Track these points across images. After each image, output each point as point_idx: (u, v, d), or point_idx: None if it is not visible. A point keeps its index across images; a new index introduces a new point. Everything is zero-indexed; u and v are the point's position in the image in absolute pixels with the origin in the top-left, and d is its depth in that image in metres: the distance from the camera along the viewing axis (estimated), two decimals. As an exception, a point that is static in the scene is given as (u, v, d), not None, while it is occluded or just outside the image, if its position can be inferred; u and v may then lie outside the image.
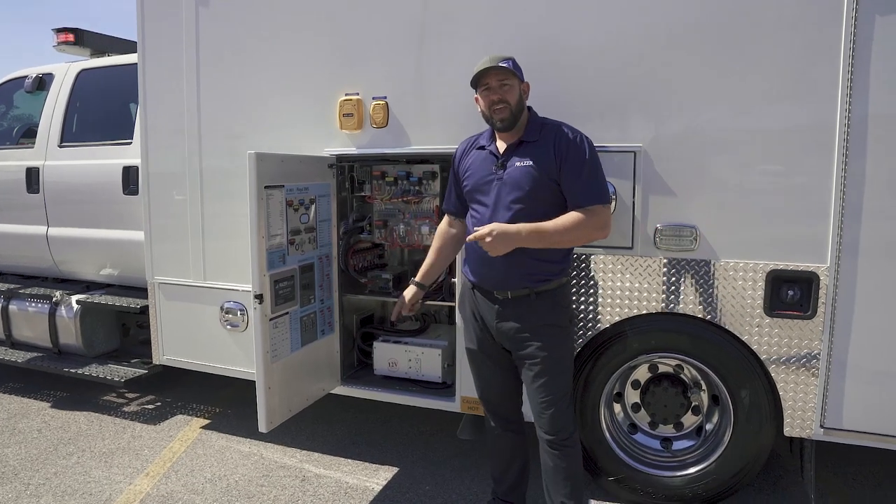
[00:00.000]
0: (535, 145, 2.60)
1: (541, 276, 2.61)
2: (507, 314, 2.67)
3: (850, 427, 2.90)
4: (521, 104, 2.63)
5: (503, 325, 2.68)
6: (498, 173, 2.63)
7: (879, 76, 2.70)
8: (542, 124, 2.65)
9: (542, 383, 2.66)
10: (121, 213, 4.55)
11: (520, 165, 2.58)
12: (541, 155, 2.56)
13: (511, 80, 2.59)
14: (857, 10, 2.69)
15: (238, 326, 3.98)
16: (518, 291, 2.63)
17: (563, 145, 2.56)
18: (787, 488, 3.44)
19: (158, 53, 3.99)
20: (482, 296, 2.75)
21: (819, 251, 2.84)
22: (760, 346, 2.97)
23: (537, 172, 2.55)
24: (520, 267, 2.58)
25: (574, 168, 2.53)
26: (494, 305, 2.69)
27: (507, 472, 2.98)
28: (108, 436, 4.20)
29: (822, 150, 2.79)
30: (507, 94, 2.58)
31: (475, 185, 2.70)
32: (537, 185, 2.54)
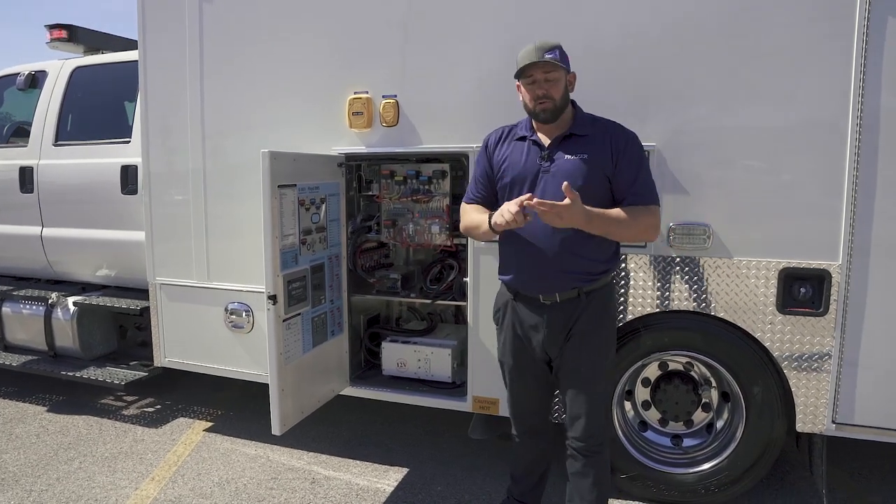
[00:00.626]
0: (587, 140, 2.49)
1: (589, 275, 2.51)
2: (554, 320, 2.54)
3: (861, 422, 2.95)
4: (566, 97, 2.51)
5: (549, 333, 2.55)
6: (544, 165, 2.50)
7: (891, 76, 2.75)
8: (592, 118, 2.57)
9: (582, 390, 2.58)
10: (119, 213, 4.48)
11: (571, 158, 2.46)
12: (595, 149, 2.46)
13: (557, 72, 2.46)
14: (870, 11, 2.73)
15: (243, 328, 3.93)
16: (566, 293, 2.51)
17: (621, 141, 2.48)
18: (794, 483, 3.48)
19: (160, 51, 3.93)
20: (525, 305, 2.61)
21: (831, 249, 2.88)
22: (773, 343, 3.01)
23: (590, 167, 2.44)
24: (567, 266, 2.47)
25: (632, 166, 2.46)
26: (541, 314, 2.56)
27: (528, 476, 2.92)
28: (109, 440, 4.12)
29: (834, 149, 2.83)
30: (552, 89, 2.45)
31: (518, 177, 2.54)
32: (590, 180, 2.43)
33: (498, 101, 3.28)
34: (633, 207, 2.45)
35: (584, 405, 2.59)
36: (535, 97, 2.48)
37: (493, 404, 3.51)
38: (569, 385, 2.62)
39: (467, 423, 3.66)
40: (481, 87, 3.31)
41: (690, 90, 3.00)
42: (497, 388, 3.46)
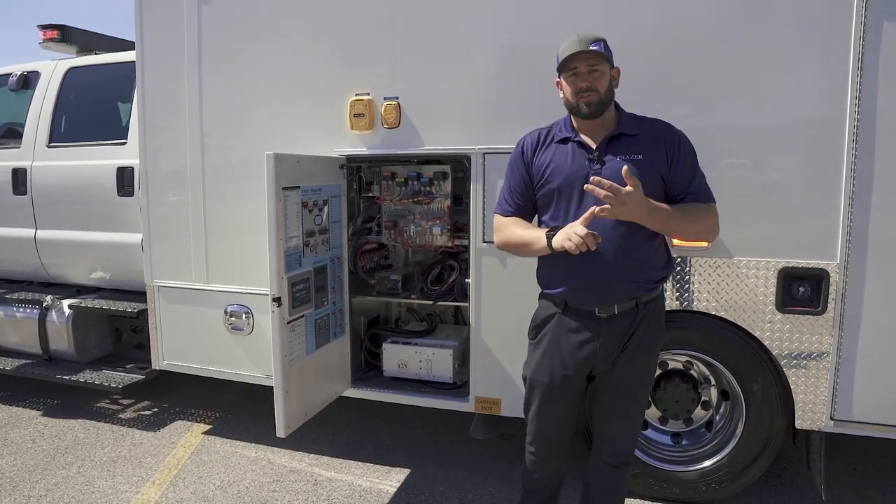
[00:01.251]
0: (637, 140, 2.34)
1: (648, 283, 2.37)
2: (610, 334, 2.37)
3: (859, 419, 3.00)
4: (610, 92, 2.35)
5: (603, 348, 2.38)
6: (594, 167, 2.31)
7: (887, 77, 2.80)
8: (636, 118, 2.42)
9: (628, 405, 2.48)
10: (115, 215, 4.44)
11: (625, 159, 2.28)
12: (648, 150, 2.31)
13: (602, 65, 2.31)
14: (866, 15, 2.78)
15: (242, 330, 3.92)
16: (624, 304, 2.34)
17: (674, 140, 2.35)
18: (792, 479, 3.54)
19: (158, 51, 3.91)
20: (576, 319, 2.40)
21: (829, 248, 2.93)
22: (772, 341, 3.06)
23: (646, 168, 2.27)
24: (626, 272, 2.31)
25: (687, 165, 2.35)
26: (596, 328, 2.37)
27: (543, 489, 2.72)
28: (107, 444, 4.09)
29: (832, 149, 2.88)
30: (597, 82, 2.30)
31: (565, 182, 2.35)
32: (647, 181, 2.22)
33: (500, 102, 3.33)
34: (694, 205, 2.34)
35: (627, 421, 2.50)
36: (577, 90, 2.31)
37: (496, 404, 3.53)
38: (613, 399, 2.48)
39: (467, 424, 3.69)
40: (483, 89, 3.33)
41: (691, 90, 3.04)
42: (499, 388, 3.50)
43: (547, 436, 2.61)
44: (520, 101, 3.29)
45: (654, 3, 3.05)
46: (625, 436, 2.54)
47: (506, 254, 3.38)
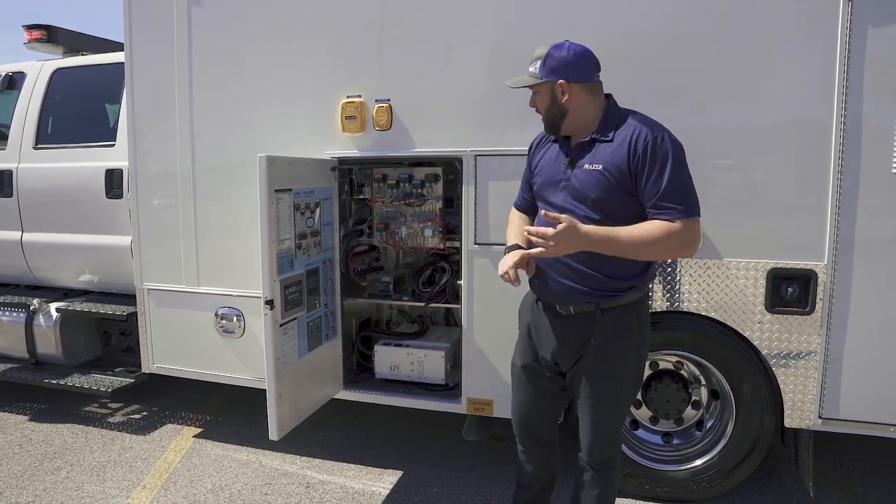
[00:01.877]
0: (608, 145, 2.26)
1: (608, 291, 2.32)
2: (568, 330, 2.40)
3: (847, 417, 3.04)
4: (556, 107, 2.33)
5: (562, 344, 2.42)
6: (566, 174, 2.34)
7: (872, 82, 2.85)
8: (621, 118, 2.30)
9: (593, 411, 2.42)
10: (103, 218, 4.40)
11: (588, 169, 2.27)
12: (613, 158, 2.23)
13: (536, 86, 2.37)
14: (852, 20, 2.83)
15: (233, 332, 3.91)
16: (582, 307, 2.35)
17: (641, 146, 2.19)
18: (781, 477, 3.59)
19: (147, 52, 3.89)
20: (545, 311, 2.47)
21: (817, 249, 2.97)
22: (762, 341, 3.09)
23: (607, 179, 2.22)
24: (581, 281, 2.31)
25: (652, 175, 2.17)
26: (557, 323, 2.42)
27: (534, 484, 2.76)
28: (96, 448, 4.06)
29: (819, 151, 2.92)
30: (538, 103, 2.39)
31: (543, 185, 2.44)
32: (607, 194, 2.22)
33: (491, 104, 3.34)
34: (654, 224, 2.18)
35: (594, 426, 2.44)
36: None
37: (488, 405, 3.54)
38: (579, 403, 2.46)
39: (458, 425, 3.70)
40: (475, 91, 3.34)
41: (680, 94, 3.07)
42: (491, 389, 3.51)
43: (521, 419, 2.68)
44: (511, 104, 3.28)
45: (645, 5, 3.07)
46: (595, 440, 2.45)
47: (497, 255, 3.37)
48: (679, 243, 2.21)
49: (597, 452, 2.47)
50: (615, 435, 2.50)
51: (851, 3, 2.82)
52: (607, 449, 2.48)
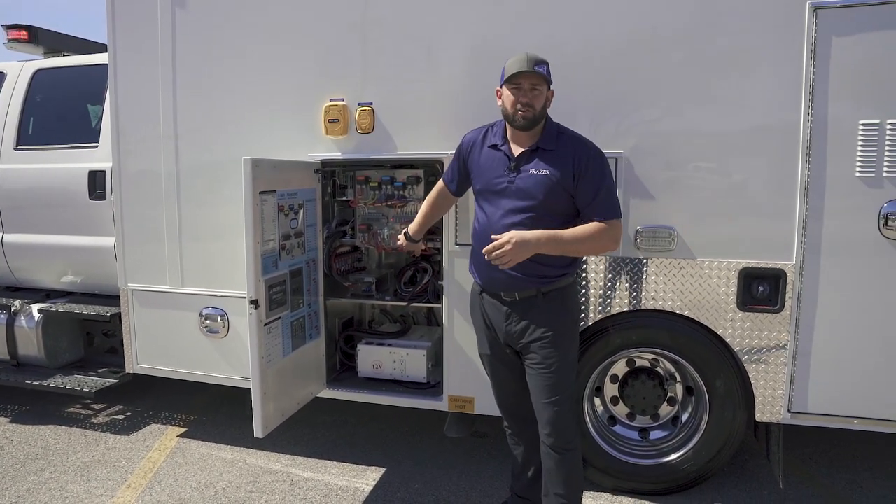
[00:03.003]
0: (552, 154, 2.63)
1: (546, 278, 2.67)
2: (515, 315, 2.72)
3: (814, 411, 3.16)
4: (543, 110, 2.66)
5: (512, 327, 2.74)
6: (510, 176, 2.65)
7: (836, 88, 2.96)
8: (558, 132, 2.69)
9: (545, 385, 2.70)
10: (86, 219, 4.41)
11: (535, 173, 2.61)
12: (558, 165, 2.60)
13: (542, 86, 2.61)
14: (817, 31, 2.94)
15: (218, 333, 3.94)
16: (525, 292, 2.69)
17: (582, 157, 2.60)
18: (753, 470, 3.70)
19: (131, 55, 3.90)
20: (490, 298, 2.80)
21: (786, 250, 3.08)
22: (734, 338, 3.20)
23: (552, 182, 2.59)
24: (524, 269, 2.62)
25: (593, 182, 2.59)
26: (503, 307, 2.75)
27: (525, 470, 3.00)
28: (79, 449, 4.07)
29: (788, 155, 3.03)
30: (535, 100, 2.60)
31: (485, 186, 2.73)
32: (550, 195, 2.59)
33: (472, 107, 3.39)
34: (591, 224, 2.60)
35: (549, 401, 2.69)
36: (516, 103, 2.60)
37: (469, 402, 3.62)
38: (533, 383, 2.75)
39: (440, 423, 3.77)
40: (456, 95, 3.41)
41: (656, 101, 3.17)
42: (472, 387, 3.59)
43: (503, 401, 3.01)
44: (491, 107, 3.34)
45: (621, 10, 3.16)
46: (550, 418, 2.69)
47: (478, 256, 3.49)
48: (611, 238, 2.64)
49: (553, 431, 2.71)
50: (568, 413, 2.73)
51: (816, 15, 2.93)
52: (561, 427, 2.71)
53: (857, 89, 2.95)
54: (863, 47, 2.92)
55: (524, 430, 2.96)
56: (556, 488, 2.78)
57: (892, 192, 2.96)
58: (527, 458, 2.99)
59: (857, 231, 3.01)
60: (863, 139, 2.95)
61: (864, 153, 2.96)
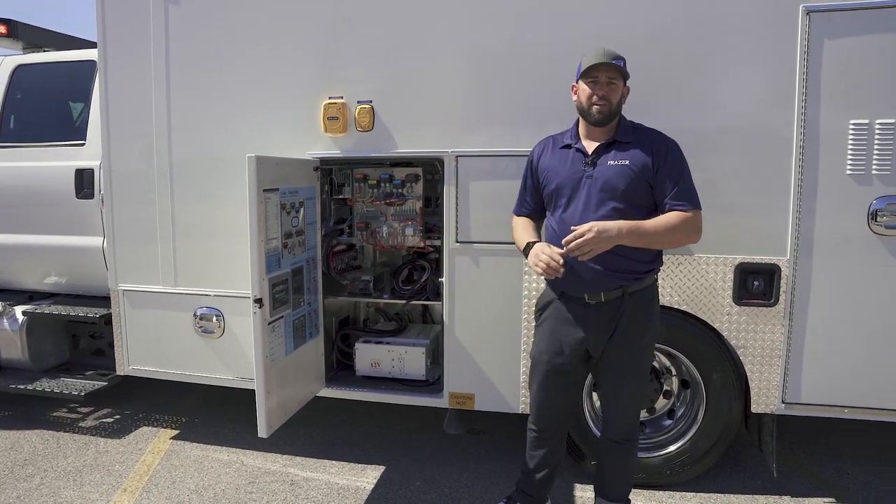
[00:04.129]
0: (629, 146, 2.61)
1: (634, 273, 2.62)
2: (599, 319, 2.64)
3: (807, 401, 3.26)
4: (619, 106, 2.64)
5: (594, 332, 2.66)
6: (587, 171, 2.62)
7: (828, 89, 3.06)
8: (633, 127, 2.69)
9: (628, 387, 2.74)
10: (73, 219, 4.31)
11: (613, 164, 2.58)
12: (638, 156, 2.57)
13: (619, 79, 2.60)
14: (810, 33, 3.04)
15: (213, 333, 3.90)
16: (610, 293, 2.61)
17: (662, 149, 2.59)
18: (745, 461, 3.80)
19: (122, 51, 3.84)
20: (570, 304, 2.69)
21: (780, 245, 3.18)
22: (730, 332, 3.28)
23: (634, 172, 2.56)
24: (612, 265, 2.56)
25: (674, 172, 2.58)
26: (586, 313, 2.66)
27: (540, 470, 2.97)
28: (69, 453, 3.97)
29: (782, 154, 3.13)
30: (611, 94, 2.58)
31: (562, 184, 2.66)
32: (632, 185, 2.55)
33: (473, 106, 3.44)
34: (673, 214, 2.57)
35: (627, 401, 2.77)
36: (592, 96, 2.59)
37: (469, 399, 3.64)
38: (612, 382, 2.76)
39: (436, 420, 3.79)
40: (456, 93, 3.44)
41: (654, 100, 3.21)
42: (472, 384, 3.62)
43: (546, 411, 2.89)
44: (491, 106, 3.42)
45: (623, 9, 3.22)
46: (621, 416, 2.81)
47: (478, 253, 3.52)
48: (692, 229, 2.62)
49: (627, 426, 2.82)
50: (641, 407, 2.89)
51: (809, 18, 3.03)
52: (634, 421, 2.85)
53: (848, 90, 3.06)
54: (853, 49, 3.03)
55: (555, 434, 2.93)
56: (616, 477, 2.92)
57: (881, 190, 3.07)
58: (546, 460, 2.95)
59: (848, 227, 3.12)
60: (853, 138, 3.06)
61: (855, 152, 3.07)
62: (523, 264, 3.41)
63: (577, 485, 3.55)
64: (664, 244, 2.68)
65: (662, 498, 3.42)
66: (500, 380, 3.57)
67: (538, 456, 2.96)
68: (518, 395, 3.55)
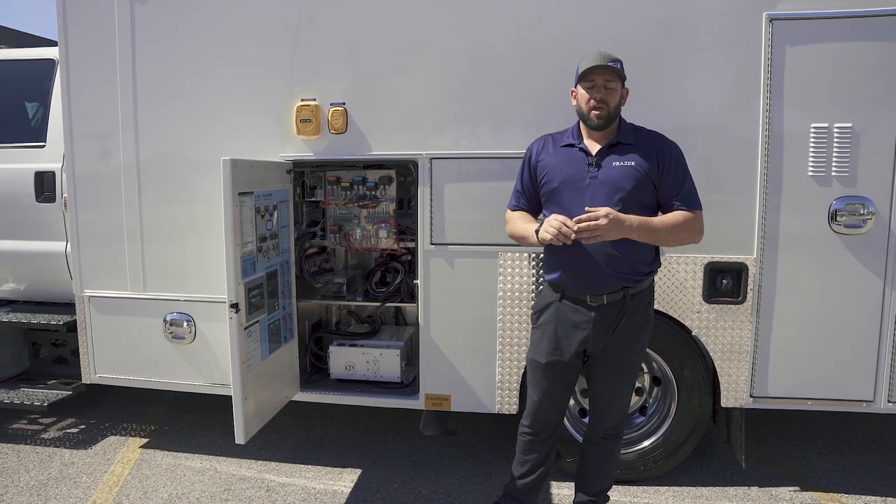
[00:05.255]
0: (633, 147, 2.63)
1: (636, 275, 2.64)
2: (600, 320, 2.65)
3: (774, 395, 3.38)
4: (618, 108, 2.64)
5: (595, 332, 2.66)
6: (591, 171, 2.61)
7: (791, 94, 3.18)
8: (635, 129, 2.71)
9: (620, 385, 2.81)
10: (33, 223, 4.17)
11: (619, 165, 2.59)
12: (642, 157, 2.60)
13: (616, 82, 2.60)
14: (773, 40, 3.15)
15: (184, 338, 3.81)
16: (613, 295, 2.63)
17: (666, 150, 2.63)
18: (714, 454, 3.91)
19: (86, 50, 3.72)
20: (571, 305, 2.69)
21: (747, 244, 3.28)
22: (700, 329, 3.38)
23: (640, 173, 2.58)
24: (615, 267, 2.59)
25: (678, 173, 2.63)
26: (588, 313, 2.66)
27: (531, 473, 2.94)
28: (31, 467, 3.83)
29: (748, 155, 3.23)
30: (609, 97, 2.59)
31: (564, 183, 2.64)
32: (638, 185, 2.57)
33: (447, 109, 3.45)
34: (679, 213, 2.61)
35: (620, 398, 2.84)
36: (591, 100, 2.60)
37: (446, 400, 3.66)
38: (607, 380, 2.80)
39: (410, 422, 3.80)
40: (430, 96, 3.45)
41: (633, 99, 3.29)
42: (449, 385, 3.63)
43: (541, 411, 2.89)
44: (465, 108, 3.44)
45: (600, 25, 3.28)
46: (612, 413, 2.87)
47: (452, 255, 3.54)
48: (696, 229, 2.67)
49: (616, 423, 2.88)
50: (629, 404, 2.93)
51: (772, 25, 3.14)
52: (624, 417, 2.92)
53: (809, 95, 3.18)
54: (813, 56, 3.15)
55: (551, 435, 2.94)
56: (601, 472, 2.98)
57: (840, 190, 3.21)
58: (538, 463, 2.93)
59: (810, 227, 3.24)
60: (814, 141, 3.18)
61: (816, 154, 3.19)
62: (498, 265, 3.46)
63: (554, 482, 3.59)
64: (668, 242, 2.72)
65: (637, 493, 3.49)
66: (476, 380, 3.59)
67: (531, 460, 2.93)
68: (494, 395, 3.58)
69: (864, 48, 3.13)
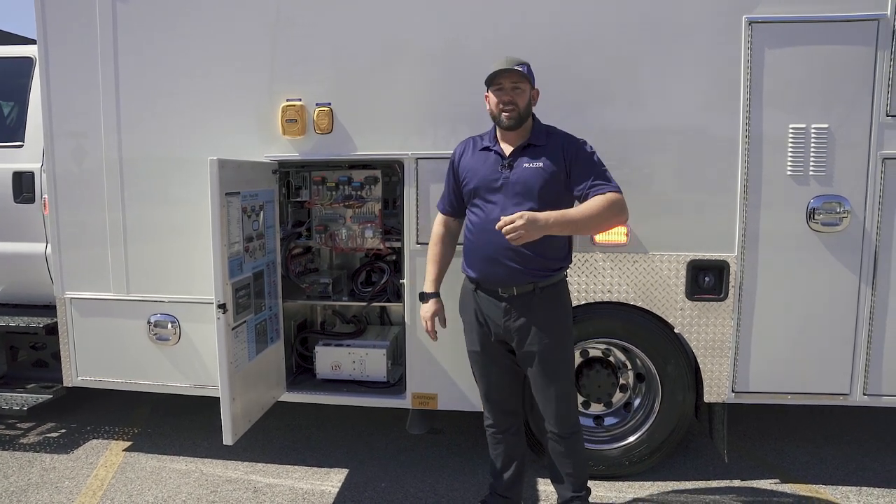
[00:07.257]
0: (543, 149, 2.75)
1: (544, 271, 2.76)
2: (513, 311, 2.78)
3: (755, 389, 3.45)
4: (528, 108, 2.76)
5: (510, 323, 2.79)
6: (504, 173, 2.74)
7: (770, 96, 3.26)
8: (548, 131, 2.82)
9: (550, 378, 2.83)
10: (11, 224, 4.10)
11: (528, 167, 2.72)
12: (550, 158, 2.72)
13: (523, 84, 2.72)
14: (752, 43, 3.22)
15: (168, 340, 3.78)
16: (523, 287, 2.75)
17: (571, 148, 2.75)
18: (697, 449, 3.98)
19: (67, 51, 3.67)
20: (486, 295, 2.84)
21: (728, 242, 3.35)
22: (683, 326, 3.44)
23: (546, 173, 2.70)
24: (523, 263, 2.71)
25: (586, 164, 2.72)
26: (501, 303, 2.79)
27: (507, 468, 3.05)
28: (11, 473, 3.76)
29: (729, 155, 3.30)
30: (518, 98, 2.70)
31: (480, 184, 2.79)
32: (545, 186, 2.69)
33: (432, 109, 3.47)
34: (596, 198, 2.66)
35: (552, 395, 2.85)
36: (500, 103, 2.71)
37: (432, 399, 3.67)
38: (534, 377, 2.86)
39: (396, 422, 3.81)
40: (416, 96, 3.46)
41: (606, 102, 3.35)
42: (435, 384, 3.65)
43: (491, 398, 3.03)
44: (451, 109, 3.45)
45: (580, 28, 3.33)
46: (556, 408, 2.87)
47: (439, 254, 3.55)
48: (617, 209, 2.69)
49: (562, 421, 2.89)
50: (571, 400, 2.92)
51: (752, 28, 3.21)
52: (567, 415, 2.90)
53: (787, 96, 3.26)
54: (791, 59, 3.23)
55: (509, 426, 3.04)
56: (566, 469, 2.97)
57: (817, 189, 3.29)
58: (509, 456, 3.04)
59: (789, 225, 3.32)
60: (792, 141, 3.26)
61: (794, 154, 3.27)
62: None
63: (540, 479, 3.63)
64: (593, 228, 2.88)
65: (622, 488, 3.54)
66: (462, 379, 3.60)
67: (500, 454, 3.05)
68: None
69: (839, 51, 3.21)
